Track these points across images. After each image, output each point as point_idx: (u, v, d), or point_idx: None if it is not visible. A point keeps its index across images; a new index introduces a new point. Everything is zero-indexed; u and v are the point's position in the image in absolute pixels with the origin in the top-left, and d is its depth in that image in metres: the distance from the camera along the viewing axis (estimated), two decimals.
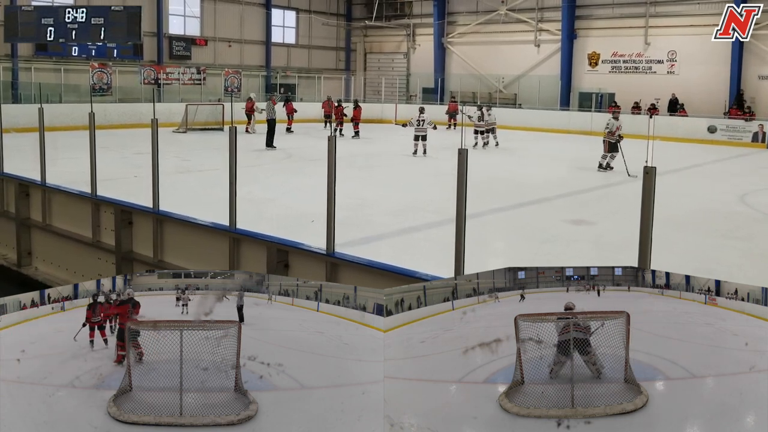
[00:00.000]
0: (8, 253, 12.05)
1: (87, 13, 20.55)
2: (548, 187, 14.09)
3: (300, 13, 38.85)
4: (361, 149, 20.90)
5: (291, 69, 38.01)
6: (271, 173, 15.65)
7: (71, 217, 10.81)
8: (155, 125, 9.16)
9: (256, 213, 10.03)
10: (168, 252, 9.30)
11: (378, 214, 10.96)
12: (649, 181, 4.95)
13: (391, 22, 39.18)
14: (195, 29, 34.38)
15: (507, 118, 30.88)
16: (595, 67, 32.46)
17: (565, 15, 32.51)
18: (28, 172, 11.80)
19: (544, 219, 11.08)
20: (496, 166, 17.27)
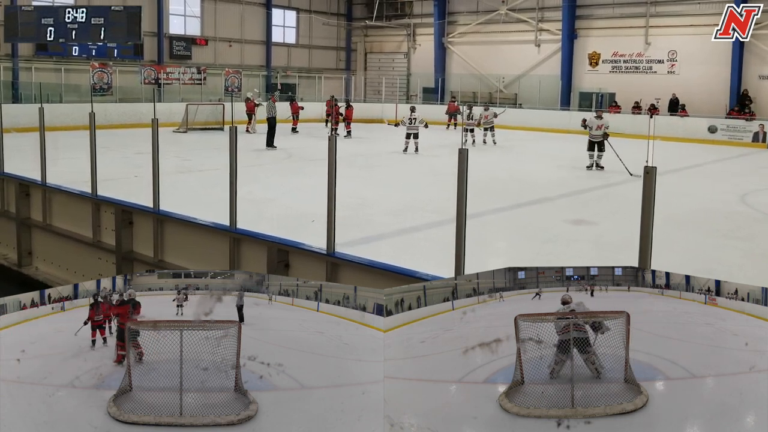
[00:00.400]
0: (9, 253, 12.05)
1: (87, 13, 20.55)
2: (549, 187, 14.09)
3: (300, 13, 38.85)
4: (361, 149, 20.90)
5: (291, 69, 38.01)
6: (272, 173, 15.65)
7: (72, 217, 10.82)
8: (155, 125, 9.17)
9: (256, 213, 10.03)
10: (168, 252, 9.30)
11: (378, 213, 10.95)
12: (649, 181, 4.95)
13: (391, 22, 39.18)
14: (195, 29, 34.38)
15: (507, 118, 30.85)
16: (596, 67, 32.46)
17: (566, 15, 32.51)
18: (28, 172, 11.81)
19: (544, 219, 11.07)
20: (497, 165, 17.27)
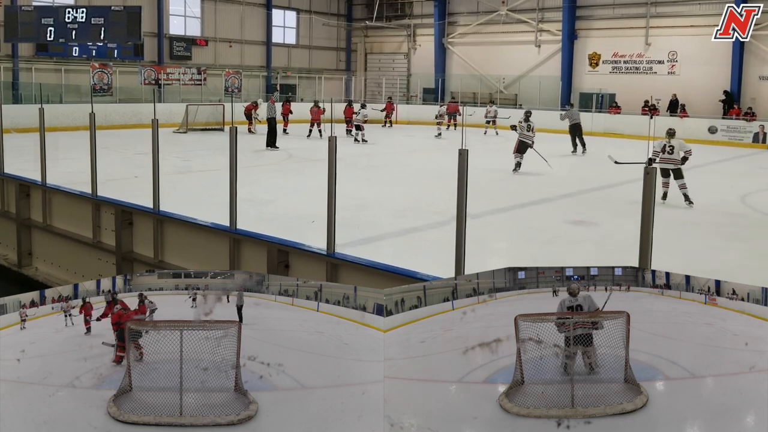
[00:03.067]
0: (9, 253, 12.05)
1: (87, 13, 20.51)
2: (550, 188, 14.09)
3: (300, 14, 38.85)
4: (363, 150, 20.90)
5: (292, 69, 38.01)
6: (272, 174, 15.65)
7: (72, 218, 10.82)
8: (155, 126, 9.17)
9: (256, 213, 10.03)
10: (168, 252, 9.30)
11: (379, 214, 10.95)
12: (649, 182, 4.95)
13: (391, 22, 39.17)
14: (195, 29, 34.38)
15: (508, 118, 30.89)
16: (596, 67, 32.46)
17: (566, 15, 32.51)
18: (28, 173, 11.81)
19: (545, 219, 11.07)
20: (498, 166, 17.26)
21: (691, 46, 29.60)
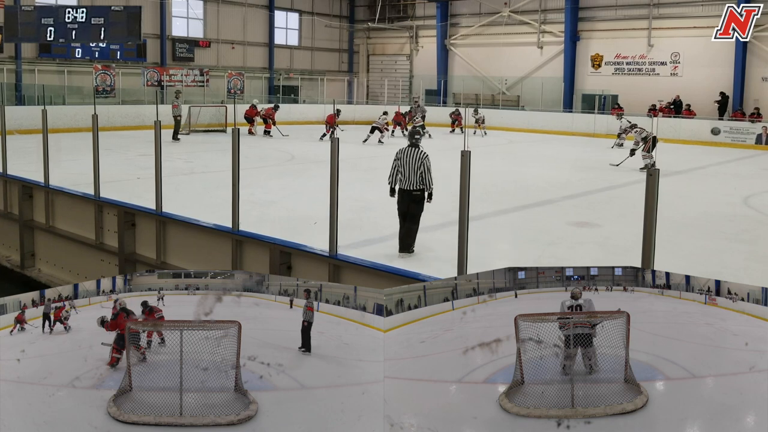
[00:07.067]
0: (11, 254, 12.08)
1: (87, 13, 20.48)
2: (552, 189, 14.07)
3: (303, 15, 38.88)
4: (364, 152, 20.90)
5: (294, 71, 38.04)
6: (275, 175, 15.65)
7: (74, 219, 10.84)
8: (158, 127, 9.19)
9: (259, 215, 10.04)
10: (171, 254, 9.31)
11: (381, 216, 10.93)
12: (652, 183, 4.94)
13: (393, 24, 39.19)
14: (198, 31, 34.43)
15: (510, 120, 30.92)
16: (598, 69, 32.43)
17: (568, 17, 32.49)
18: (31, 174, 11.84)
19: (548, 221, 11.05)
20: (500, 168, 17.26)
21: (693, 48, 29.56)
